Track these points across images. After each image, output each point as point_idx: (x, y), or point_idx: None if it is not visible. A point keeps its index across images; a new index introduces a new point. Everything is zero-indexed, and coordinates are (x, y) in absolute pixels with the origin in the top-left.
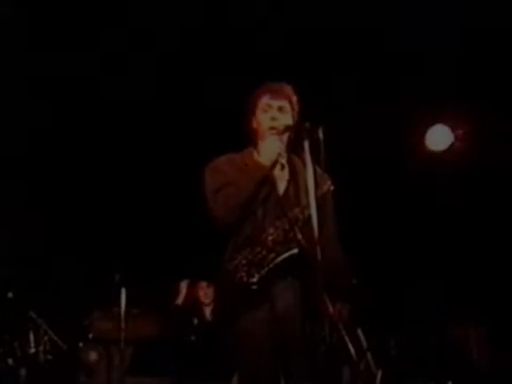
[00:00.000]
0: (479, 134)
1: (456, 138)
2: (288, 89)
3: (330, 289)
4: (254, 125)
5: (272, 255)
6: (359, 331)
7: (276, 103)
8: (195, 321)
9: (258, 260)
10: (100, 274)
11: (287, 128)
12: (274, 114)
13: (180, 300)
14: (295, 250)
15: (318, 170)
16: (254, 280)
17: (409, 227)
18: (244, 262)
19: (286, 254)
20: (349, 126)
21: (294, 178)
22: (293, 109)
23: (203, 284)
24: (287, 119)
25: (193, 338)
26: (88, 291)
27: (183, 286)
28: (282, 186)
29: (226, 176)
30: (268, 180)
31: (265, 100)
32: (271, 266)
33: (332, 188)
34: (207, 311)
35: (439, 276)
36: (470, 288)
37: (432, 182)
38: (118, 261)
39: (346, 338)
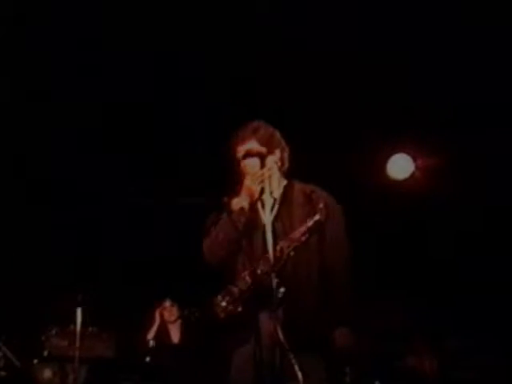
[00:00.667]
0: (440, 163)
1: (417, 167)
2: (247, 133)
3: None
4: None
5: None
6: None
7: (241, 151)
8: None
9: (238, 296)
10: (58, 291)
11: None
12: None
13: (151, 334)
14: (274, 282)
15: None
16: (237, 311)
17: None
18: (227, 298)
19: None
20: (308, 153)
21: (286, 205)
22: (263, 144)
23: (167, 303)
24: (253, 161)
25: (148, 359)
26: (45, 308)
27: (167, 306)
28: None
29: (215, 220)
30: (248, 221)
31: (236, 153)
32: (248, 300)
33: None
34: (173, 330)
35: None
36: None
37: (393, 211)
38: (76, 278)
39: (294, 361)
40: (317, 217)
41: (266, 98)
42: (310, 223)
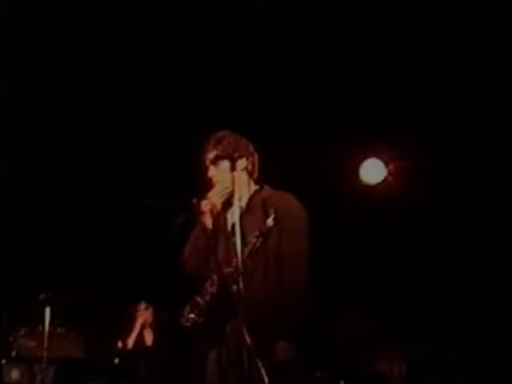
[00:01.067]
0: (413, 167)
1: (389, 172)
2: (209, 143)
3: (267, 326)
4: None
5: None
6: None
7: (207, 161)
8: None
9: (200, 307)
10: (26, 291)
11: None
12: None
13: (131, 340)
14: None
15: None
16: (188, 324)
17: (343, 260)
18: (192, 309)
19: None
20: (280, 156)
21: (248, 211)
22: (228, 154)
23: (141, 306)
24: (224, 164)
25: (116, 361)
26: (13, 308)
27: (142, 309)
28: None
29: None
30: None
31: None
32: (208, 312)
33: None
34: (147, 333)
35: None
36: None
37: (366, 215)
38: (44, 278)
39: (262, 369)
40: (268, 221)
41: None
42: (262, 228)
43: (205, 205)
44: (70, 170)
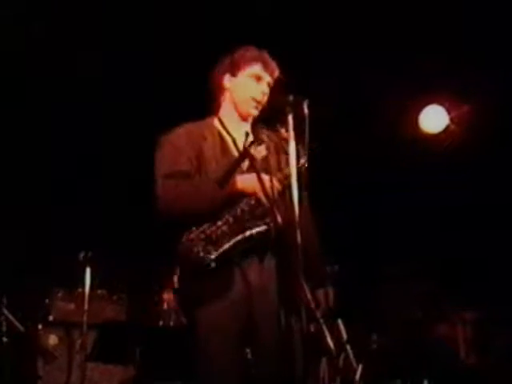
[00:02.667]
0: (478, 115)
1: (451, 119)
2: (275, 65)
3: (307, 274)
4: (228, 84)
5: (235, 232)
6: (339, 322)
7: (267, 78)
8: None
9: (217, 236)
10: (63, 251)
11: (268, 107)
12: (263, 88)
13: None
14: (264, 228)
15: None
16: (212, 257)
17: (398, 214)
18: (202, 236)
19: (253, 231)
20: (335, 104)
21: (272, 153)
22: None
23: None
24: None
25: (161, 323)
26: (50, 269)
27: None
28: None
29: (182, 157)
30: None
31: (257, 68)
32: (232, 243)
33: (306, 165)
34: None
35: (426, 272)
36: (459, 286)
37: (425, 167)
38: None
39: (325, 329)
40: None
41: None
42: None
43: (259, 151)
44: None
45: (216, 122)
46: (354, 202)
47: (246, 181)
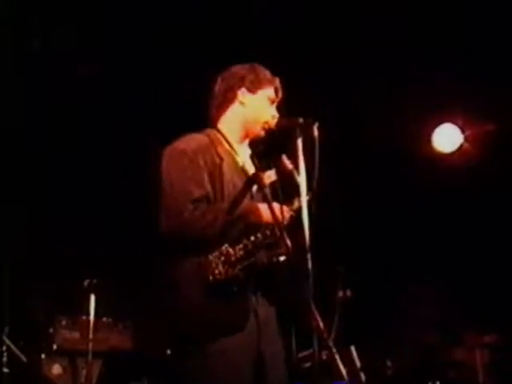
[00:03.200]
0: (492, 134)
1: (466, 138)
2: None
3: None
4: (243, 99)
5: (251, 258)
6: (352, 348)
7: (277, 100)
8: None
9: (236, 259)
10: (68, 279)
11: (277, 132)
12: (275, 112)
13: None
14: (278, 258)
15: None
16: (240, 274)
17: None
18: (222, 258)
19: (267, 259)
20: (348, 123)
21: (281, 179)
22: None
23: None
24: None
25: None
26: (54, 296)
27: None
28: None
29: (203, 176)
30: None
31: (272, 91)
32: (246, 267)
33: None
34: None
35: (443, 294)
36: (478, 309)
37: (438, 186)
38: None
39: (337, 356)
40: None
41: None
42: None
43: (268, 176)
44: None
45: (222, 139)
46: (365, 223)
47: (263, 211)
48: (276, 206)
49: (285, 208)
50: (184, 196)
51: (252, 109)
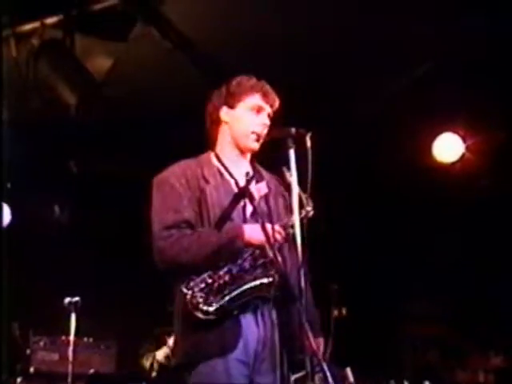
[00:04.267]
0: (494, 144)
1: (467, 148)
2: (275, 95)
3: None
4: (225, 118)
5: (237, 283)
6: (348, 370)
7: (267, 108)
8: None
9: (219, 286)
10: (47, 296)
11: (270, 141)
12: (264, 119)
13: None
14: (268, 279)
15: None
16: (211, 309)
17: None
18: (202, 285)
19: (257, 283)
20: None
21: (273, 193)
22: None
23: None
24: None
25: (154, 374)
26: (32, 315)
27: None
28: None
29: (183, 202)
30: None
31: (256, 99)
32: (233, 294)
33: (311, 213)
34: None
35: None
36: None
37: (438, 197)
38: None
39: (331, 378)
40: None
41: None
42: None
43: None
44: None
45: (214, 160)
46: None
47: (253, 233)
48: (268, 225)
49: (277, 227)
50: (159, 224)
51: (237, 124)
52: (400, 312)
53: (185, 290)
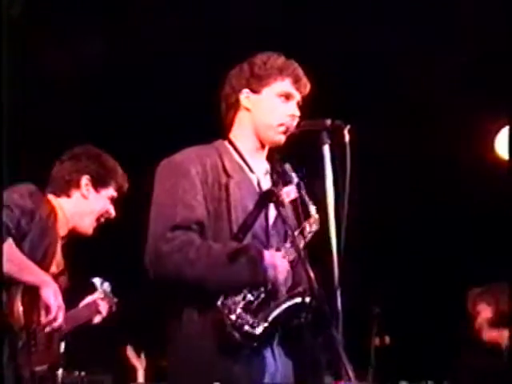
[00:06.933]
0: None
1: None
2: (307, 80)
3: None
4: (247, 103)
5: (274, 300)
6: None
7: (297, 96)
8: None
9: (259, 304)
10: None
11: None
12: (293, 109)
13: None
14: (303, 299)
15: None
16: (257, 332)
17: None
18: (243, 303)
19: (291, 302)
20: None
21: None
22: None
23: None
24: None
25: None
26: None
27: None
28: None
29: (198, 197)
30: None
31: (285, 85)
32: (275, 315)
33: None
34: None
35: None
36: None
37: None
38: None
39: None
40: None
41: None
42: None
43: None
44: None
45: (233, 152)
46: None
47: (279, 273)
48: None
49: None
50: (165, 221)
51: (261, 113)
52: (450, 339)
53: (226, 311)
